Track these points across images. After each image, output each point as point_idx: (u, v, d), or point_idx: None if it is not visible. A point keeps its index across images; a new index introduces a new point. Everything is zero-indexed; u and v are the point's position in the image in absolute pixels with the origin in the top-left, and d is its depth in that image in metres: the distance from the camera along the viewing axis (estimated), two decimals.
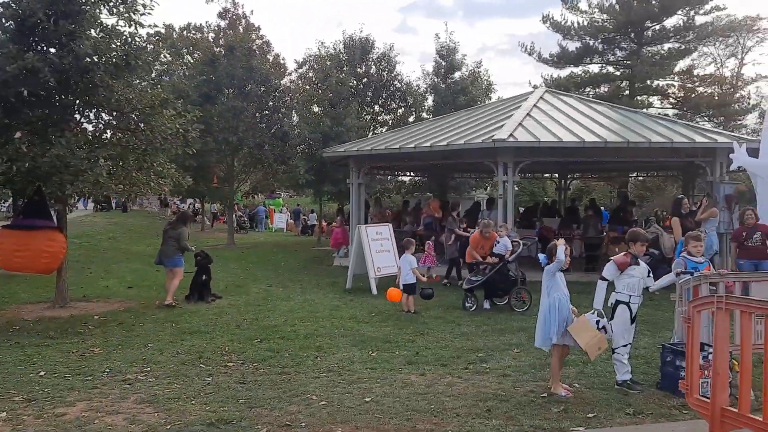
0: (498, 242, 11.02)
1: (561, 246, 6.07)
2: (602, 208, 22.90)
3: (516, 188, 37.33)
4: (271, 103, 23.95)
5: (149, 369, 7.14)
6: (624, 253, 6.26)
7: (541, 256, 6.49)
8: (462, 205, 20.09)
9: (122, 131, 11.33)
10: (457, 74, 30.57)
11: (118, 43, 10.60)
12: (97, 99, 10.67)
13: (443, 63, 30.48)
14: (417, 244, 17.38)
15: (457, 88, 29.44)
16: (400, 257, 11.28)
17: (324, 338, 8.57)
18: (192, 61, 25.03)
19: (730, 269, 10.68)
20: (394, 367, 7.15)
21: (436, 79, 30.64)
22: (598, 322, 6.09)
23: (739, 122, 35.46)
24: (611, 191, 34.84)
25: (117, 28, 10.72)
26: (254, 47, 24.27)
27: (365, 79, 29.70)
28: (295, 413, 5.60)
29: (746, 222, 10.24)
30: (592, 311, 6.15)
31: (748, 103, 35.75)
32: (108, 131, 11.62)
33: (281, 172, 26.02)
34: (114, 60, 10.37)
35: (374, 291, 12.26)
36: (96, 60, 10.09)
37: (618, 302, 6.22)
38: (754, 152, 12.62)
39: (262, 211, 37.21)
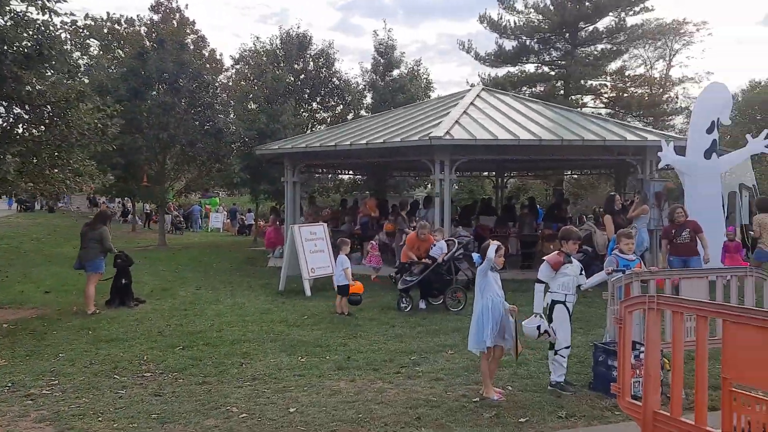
0: (434, 245, 10.81)
1: (492, 245, 5.88)
2: (539, 206, 23.15)
3: (455, 187, 37.58)
4: (204, 99, 23.13)
5: (57, 382, 6.58)
6: (557, 252, 6.13)
7: (475, 256, 6.30)
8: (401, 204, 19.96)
9: (35, 125, 10.59)
10: (395, 72, 30.43)
11: (30, 32, 9.89)
12: (6, 91, 9.90)
13: (382, 60, 30.29)
14: (356, 244, 17.25)
15: (396, 86, 29.28)
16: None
17: (251, 344, 8.16)
18: (123, 55, 23.93)
19: (660, 266, 10.83)
20: (324, 373, 6.82)
21: (374, 77, 30.41)
22: (539, 327, 5.94)
23: (667, 122, 36.68)
24: (547, 189, 35.44)
25: (28, 15, 9.99)
26: (187, 41, 23.41)
27: (303, 75, 29.18)
28: (212, 428, 5.21)
29: (676, 219, 10.38)
30: (533, 315, 5.99)
31: (677, 104, 37.05)
32: (20, 125, 10.85)
33: (215, 171, 25.23)
34: (24, 50, 9.66)
35: (308, 293, 11.88)
36: (5, 49, 9.38)
37: (554, 302, 6.08)
38: (681, 150, 12.92)
39: (197, 211, 36.09)
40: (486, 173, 27.01)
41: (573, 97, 34.53)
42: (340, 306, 10.06)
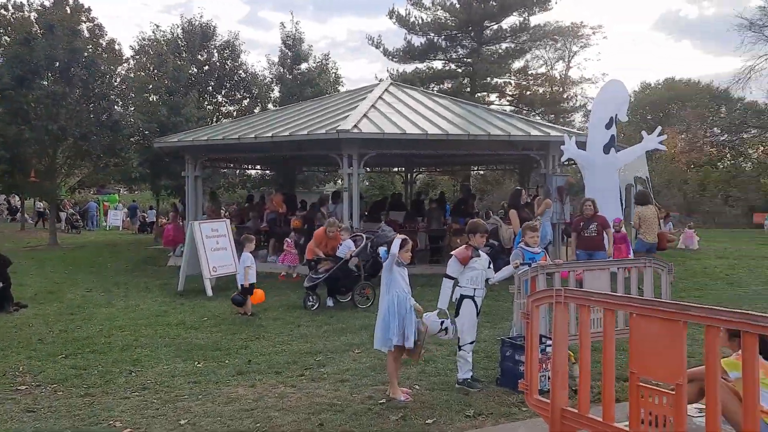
0: (341, 244, 10.51)
1: (397, 239, 5.64)
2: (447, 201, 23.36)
3: (366, 183, 37.45)
4: (99, 90, 21.72)
5: None
6: (464, 246, 5.97)
7: (382, 250, 6.04)
8: (309, 199, 19.54)
9: None
10: (303, 66, 29.90)
11: None
12: None
13: (289, 53, 29.67)
14: (262, 241, 16.68)
15: (304, 79, 28.79)
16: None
17: (143, 350, 7.55)
18: (8, 41, 22.04)
19: (567, 258, 11.05)
20: (221, 379, 6.37)
21: (282, 70, 29.76)
22: (442, 323, 5.76)
23: (568, 119, 38.17)
24: (454, 185, 36.01)
25: None
26: (81, 28, 21.88)
27: (206, 66, 28.12)
28: None
29: (585, 213, 10.57)
30: (436, 311, 5.81)
31: (575, 102, 38.63)
32: None
33: (112, 165, 23.80)
34: None
35: (209, 293, 11.28)
36: None
37: (463, 297, 5.91)
38: (582, 146, 13.30)
39: (93, 208, 34.00)
40: (396, 169, 27.00)
41: (479, 94, 35.24)
42: (243, 306, 9.56)
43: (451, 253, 5.97)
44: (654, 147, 13.12)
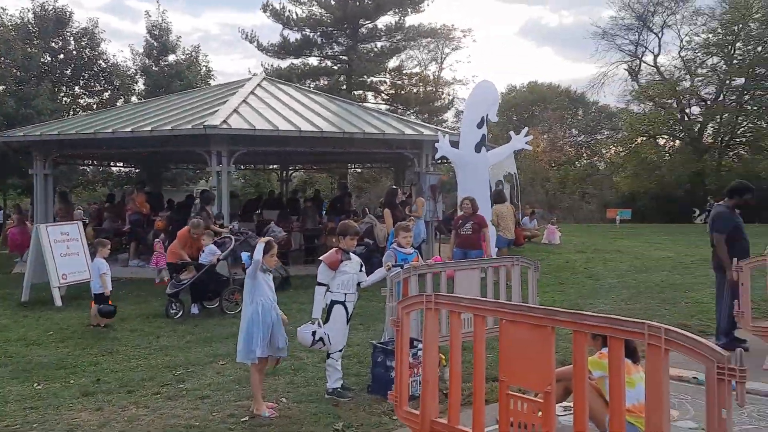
0: (204, 251, 9.85)
1: (260, 243, 5.26)
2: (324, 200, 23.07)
3: (242, 180, 36.21)
4: None
5: None
6: (334, 249, 5.68)
7: (244, 255, 5.62)
8: (177, 198, 18.49)
9: None
10: (171, 57, 28.43)
11: None
12: None
13: (155, 44, 28.07)
14: (123, 244, 15.51)
15: (172, 72, 27.39)
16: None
17: None
18: None
19: (446, 257, 11.10)
20: (63, 402, 5.66)
21: (147, 61, 28.09)
22: (314, 333, 5.44)
23: (440, 119, 39.18)
24: (332, 183, 35.82)
25: None
26: None
27: (62, 55, 25.95)
28: None
29: (464, 211, 10.63)
30: (310, 321, 5.49)
31: (448, 103, 39.74)
32: None
33: None
34: None
35: (58, 303, 10.21)
36: None
37: (333, 303, 5.61)
38: (455, 145, 13.49)
39: None
40: (271, 166, 26.32)
41: (356, 92, 35.28)
42: (95, 317, 8.71)
43: (320, 258, 5.66)
44: (521, 147, 13.56)
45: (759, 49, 35.10)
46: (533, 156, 43.10)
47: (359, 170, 35.05)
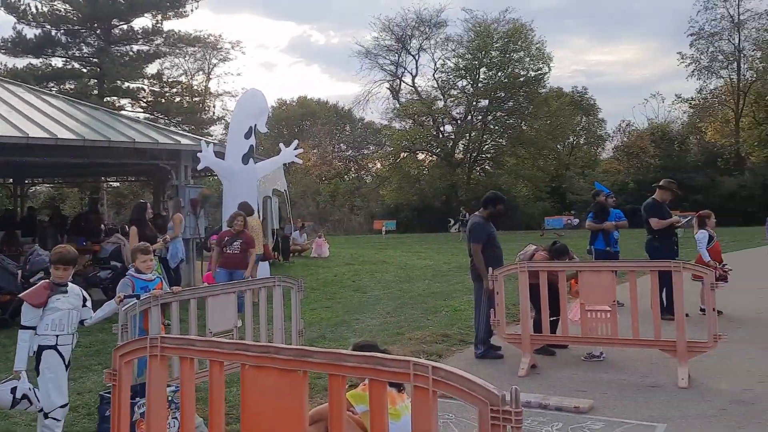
0: None
1: None
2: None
3: None
4: None
5: None
6: (41, 283, 4.51)
7: None
8: None
9: None
10: None
11: None
12: None
13: None
14: None
15: None
16: None
17: None
18: None
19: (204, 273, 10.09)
20: None
21: None
22: (14, 389, 4.23)
23: (206, 131, 37.59)
24: (82, 198, 32.23)
25: None
26: None
27: None
28: None
29: (234, 227, 9.67)
30: (10, 376, 4.27)
31: (215, 114, 38.31)
32: None
33: None
34: None
35: None
36: None
37: (42, 348, 4.42)
38: (221, 156, 12.62)
39: None
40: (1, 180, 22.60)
41: (109, 98, 32.21)
42: None
43: (20, 296, 4.46)
44: (291, 159, 13.21)
45: (500, 74, 39.38)
46: (304, 170, 43.38)
47: (116, 184, 31.96)
